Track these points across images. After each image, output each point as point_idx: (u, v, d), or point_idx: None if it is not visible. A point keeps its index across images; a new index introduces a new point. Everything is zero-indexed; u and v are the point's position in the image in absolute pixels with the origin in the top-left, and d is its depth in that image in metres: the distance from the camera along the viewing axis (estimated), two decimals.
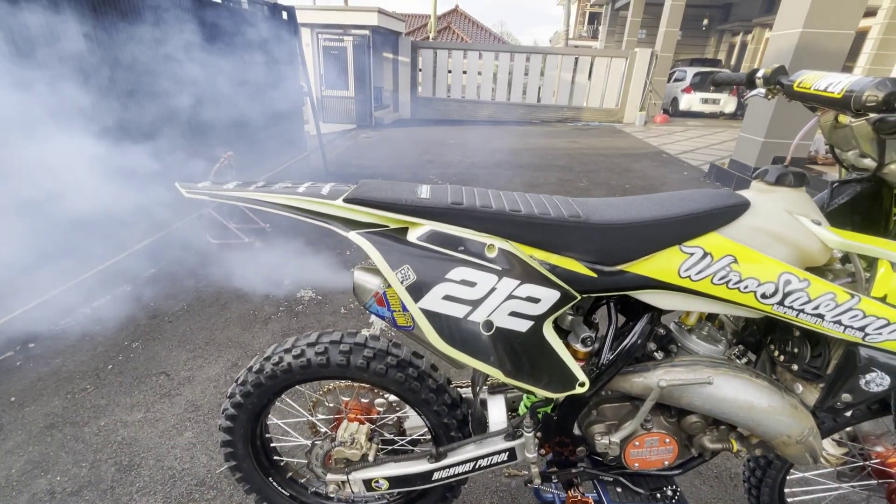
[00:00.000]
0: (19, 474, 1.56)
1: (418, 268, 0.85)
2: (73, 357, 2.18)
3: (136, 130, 3.22)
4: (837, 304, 0.82)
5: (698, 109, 13.28)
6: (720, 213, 0.87)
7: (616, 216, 0.89)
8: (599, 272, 0.88)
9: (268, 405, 1.16)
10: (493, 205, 0.89)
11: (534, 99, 12.55)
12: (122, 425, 1.78)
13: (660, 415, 1.04)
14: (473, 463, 1.09)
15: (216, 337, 2.37)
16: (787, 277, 0.83)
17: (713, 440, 1.02)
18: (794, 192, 0.89)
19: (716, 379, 0.92)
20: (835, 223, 0.96)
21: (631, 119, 12.13)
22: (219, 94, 4.07)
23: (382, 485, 1.13)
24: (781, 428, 0.91)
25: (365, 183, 0.95)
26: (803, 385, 0.95)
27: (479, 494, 1.54)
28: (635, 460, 1.03)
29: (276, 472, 1.30)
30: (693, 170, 6.81)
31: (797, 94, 0.96)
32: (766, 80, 1.09)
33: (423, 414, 1.10)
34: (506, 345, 0.90)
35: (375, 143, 8.13)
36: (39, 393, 1.94)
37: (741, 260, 0.85)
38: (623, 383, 0.99)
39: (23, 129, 2.34)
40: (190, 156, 3.75)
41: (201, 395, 1.96)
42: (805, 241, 0.84)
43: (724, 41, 19.72)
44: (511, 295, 0.87)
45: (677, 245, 0.87)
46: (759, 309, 0.86)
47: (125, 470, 1.59)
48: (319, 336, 1.06)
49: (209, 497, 1.50)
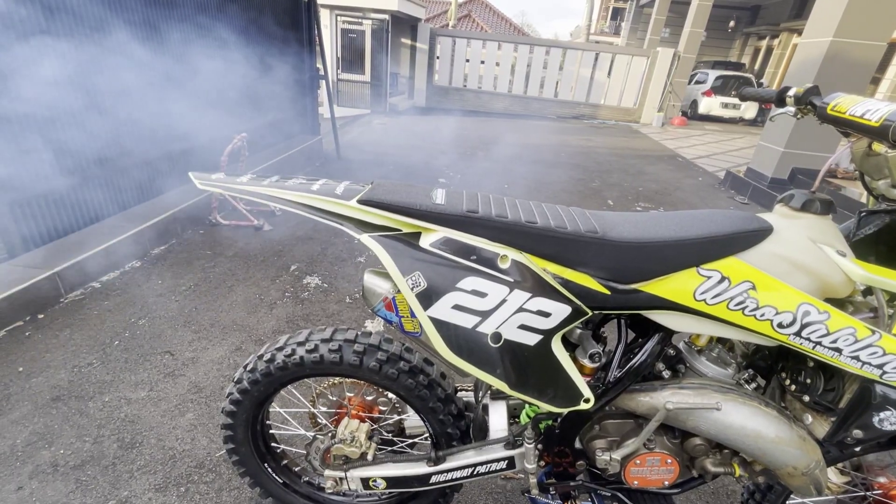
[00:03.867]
0: (24, 444, 1.59)
1: (429, 275, 0.84)
2: (81, 331, 2.20)
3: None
4: (857, 340, 0.79)
5: (717, 114, 13.05)
6: (741, 237, 0.84)
7: (634, 234, 0.87)
8: (613, 290, 0.87)
9: (273, 394, 1.17)
10: (509, 214, 0.87)
11: (551, 94, 12.38)
12: (126, 402, 1.81)
13: (663, 435, 1.03)
14: (472, 469, 1.09)
15: (221, 319, 2.38)
16: (806, 308, 0.81)
17: (715, 463, 1.01)
18: (820, 219, 0.87)
19: (724, 405, 0.90)
20: (860, 252, 0.94)
21: (648, 120, 11.95)
22: (232, 72, 4.05)
23: (380, 484, 1.13)
24: (788, 459, 0.90)
25: (379, 184, 0.93)
26: (813, 416, 0.93)
27: (475, 495, 1.55)
28: (635, 478, 1.02)
29: (272, 459, 1.31)
30: (708, 176, 6.71)
31: (830, 118, 0.92)
32: (797, 99, 1.05)
33: (427, 420, 1.09)
34: (513, 358, 0.89)
35: (389, 130, 8.08)
36: (47, 365, 1.97)
37: (760, 287, 0.83)
38: (628, 401, 0.98)
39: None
40: (194, 138, 3.75)
41: (204, 376, 1.97)
42: (828, 272, 0.82)
43: (750, 44, 19.26)
44: (521, 308, 0.86)
45: (695, 267, 0.85)
46: (774, 338, 0.84)
47: (127, 447, 1.61)
48: (334, 333, 1.05)
49: (208, 480, 1.52)
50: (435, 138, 7.67)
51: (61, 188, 2.66)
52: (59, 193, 2.67)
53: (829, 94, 0.97)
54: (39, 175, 2.52)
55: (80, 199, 2.81)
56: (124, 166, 3.12)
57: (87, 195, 2.87)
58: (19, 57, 2.34)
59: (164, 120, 3.35)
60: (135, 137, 3.16)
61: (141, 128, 3.18)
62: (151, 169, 3.39)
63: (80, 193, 2.81)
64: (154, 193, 3.44)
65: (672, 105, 12.07)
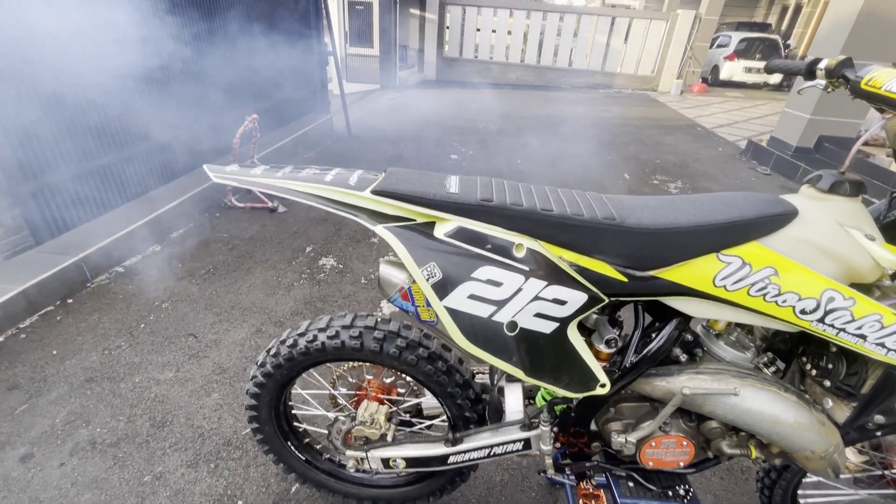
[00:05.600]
0: (63, 423, 1.68)
1: (444, 265, 0.84)
2: (109, 314, 2.28)
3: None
4: (883, 326, 0.78)
5: (740, 79, 12.51)
6: (764, 222, 0.82)
7: (652, 220, 0.85)
8: (630, 276, 0.86)
9: (295, 377, 1.20)
10: (524, 202, 0.86)
11: (565, 63, 11.98)
12: (155, 383, 1.88)
13: (679, 418, 1.04)
14: (488, 450, 1.12)
15: (241, 301, 2.44)
16: (831, 294, 0.79)
17: (731, 445, 1.02)
18: (849, 201, 0.83)
19: (742, 390, 0.90)
20: (890, 233, 0.90)
21: (667, 87, 11.52)
22: (239, 53, 4.00)
23: (400, 464, 1.17)
24: (806, 443, 0.90)
25: (393, 173, 0.92)
26: (833, 401, 0.92)
27: (491, 471, 1.59)
28: (650, 459, 1.04)
29: (295, 438, 1.36)
30: (728, 146, 6.49)
31: (864, 93, 0.88)
32: (828, 72, 1.00)
33: (446, 404, 1.12)
34: (529, 345, 0.90)
35: (399, 106, 7.96)
36: (79, 347, 2.06)
37: (782, 272, 0.81)
38: (645, 385, 0.98)
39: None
40: (207, 121, 3.75)
41: (227, 358, 2.04)
42: (855, 257, 0.79)
43: (777, 3, 18.22)
44: (537, 296, 0.86)
45: (715, 253, 0.83)
46: (796, 324, 0.83)
47: (159, 426, 1.69)
48: (354, 319, 1.07)
49: (235, 457, 1.59)
50: (446, 113, 7.54)
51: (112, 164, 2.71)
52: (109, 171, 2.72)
53: (864, 67, 0.92)
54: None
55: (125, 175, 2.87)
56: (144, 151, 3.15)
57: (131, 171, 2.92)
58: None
59: (166, 105, 3.35)
60: (145, 122, 3.18)
61: (145, 113, 3.19)
62: (167, 152, 3.41)
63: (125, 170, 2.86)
64: (170, 178, 3.48)
65: (692, 71, 11.59)
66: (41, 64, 2.41)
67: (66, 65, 2.52)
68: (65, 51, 2.49)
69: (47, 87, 2.45)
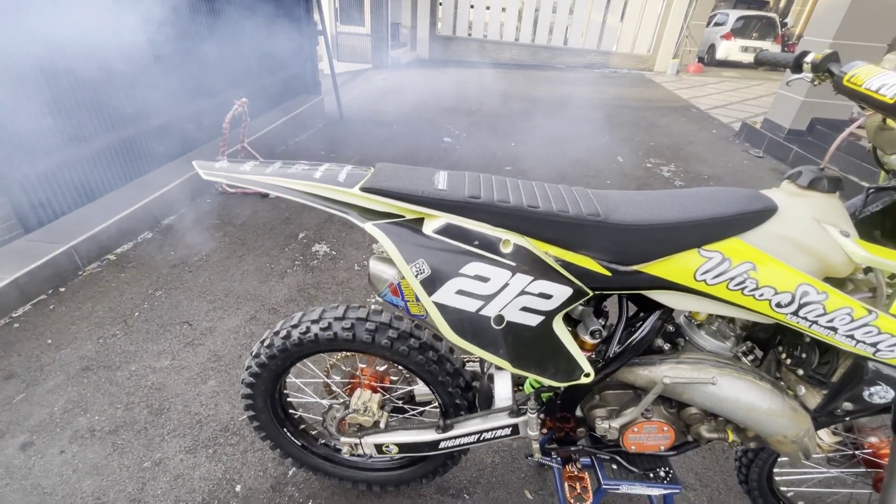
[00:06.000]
0: (61, 412, 1.71)
1: (433, 262, 0.86)
2: (102, 303, 2.29)
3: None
4: (853, 319, 0.81)
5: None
6: (745, 218, 0.84)
7: (636, 216, 0.87)
8: (614, 271, 0.88)
9: (290, 367, 1.23)
10: (511, 198, 0.87)
11: (560, 41, 11.79)
12: (151, 371, 1.91)
13: (660, 405, 1.08)
14: (478, 436, 1.16)
15: (234, 289, 2.45)
16: (805, 289, 0.82)
17: (710, 430, 1.06)
18: (826, 198, 0.86)
19: (719, 379, 0.94)
20: (866, 229, 0.93)
21: (663, 67, 11.40)
22: (227, 35, 3.91)
23: (392, 449, 1.21)
24: (778, 429, 0.94)
25: (381, 169, 0.93)
26: (806, 388, 0.96)
27: (482, 454, 1.65)
28: (633, 444, 1.08)
29: (290, 424, 1.40)
30: (723, 128, 6.48)
31: (845, 89, 0.89)
32: (814, 66, 1.01)
33: (437, 392, 1.15)
34: (515, 338, 0.92)
35: (392, 86, 7.83)
36: (73, 336, 2.07)
37: (760, 267, 0.83)
38: (628, 374, 1.02)
39: None
40: (194, 106, 3.69)
41: (222, 345, 2.06)
42: (829, 252, 0.82)
43: None
44: (524, 291, 0.88)
45: (696, 248, 0.86)
46: (772, 317, 0.86)
47: (156, 413, 1.73)
48: (346, 311, 1.09)
49: (233, 442, 1.63)
50: (439, 93, 7.44)
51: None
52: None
53: (849, 63, 0.93)
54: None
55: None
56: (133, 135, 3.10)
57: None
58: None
59: (151, 88, 3.29)
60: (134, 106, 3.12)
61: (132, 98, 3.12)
62: (151, 139, 3.36)
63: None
64: (156, 164, 3.43)
65: (688, 51, 11.46)
66: (18, 43, 2.34)
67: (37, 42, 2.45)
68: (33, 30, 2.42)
69: (24, 69, 2.39)
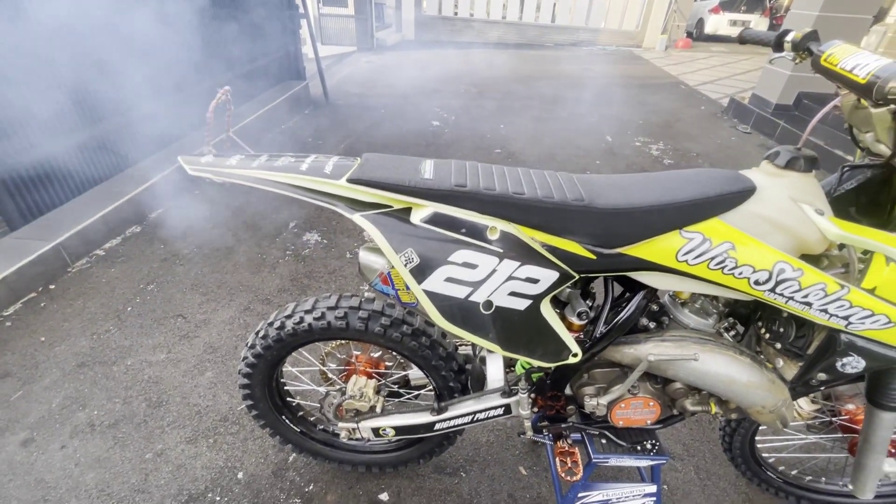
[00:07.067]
0: (59, 408, 1.72)
1: (421, 251, 0.88)
2: (94, 299, 2.28)
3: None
4: (826, 294, 0.84)
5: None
6: (725, 199, 0.87)
7: (619, 200, 0.89)
8: (599, 254, 0.90)
9: (285, 356, 1.25)
10: (497, 186, 0.89)
11: (548, 18, 11.62)
12: (148, 365, 1.92)
13: (646, 381, 1.12)
14: (471, 416, 1.19)
15: (227, 280, 2.45)
16: (781, 266, 0.85)
17: (694, 403, 1.11)
18: (803, 177, 0.88)
19: (701, 355, 0.97)
20: (841, 207, 0.96)
21: (651, 43, 11.30)
22: (205, 21, 3.81)
23: (389, 432, 1.25)
24: (757, 400, 0.99)
25: (368, 159, 0.94)
26: (784, 361, 1.00)
27: (478, 433, 1.70)
28: (620, 419, 1.13)
29: (289, 412, 1.43)
30: (711, 104, 6.49)
31: (822, 69, 0.91)
32: (794, 44, 1.03)
33: (431, 376, 1.18)
34: (504, 322, 0.95)
35: (378, 69, 7.70)
36: (67, 333, 2.07)
37: (739, 247, 0.86)
38: (614, 353, 1.05)
39: None
40: (176, 95, 3.61)
41: (218, 337, 2.08)
42: (805, 230, 0.85)
43: None
44: (511, 276, 0.90)
45: (678, 230, 0.88)
46: (750, 294, 0.89)
47: (155, 406, 1.75)
48: (339, 300, 1.11)
49: (233, 431, 1.66)
50: (426, 76, 7.33)
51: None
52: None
53: (827, 42, 0.94)
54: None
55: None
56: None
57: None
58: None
59: (131, 77, 3.21)
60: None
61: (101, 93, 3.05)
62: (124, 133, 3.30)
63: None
64: (140, 157, 3.38)
65: (677, 26, 11.36)
66: None
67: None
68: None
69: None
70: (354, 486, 1.51)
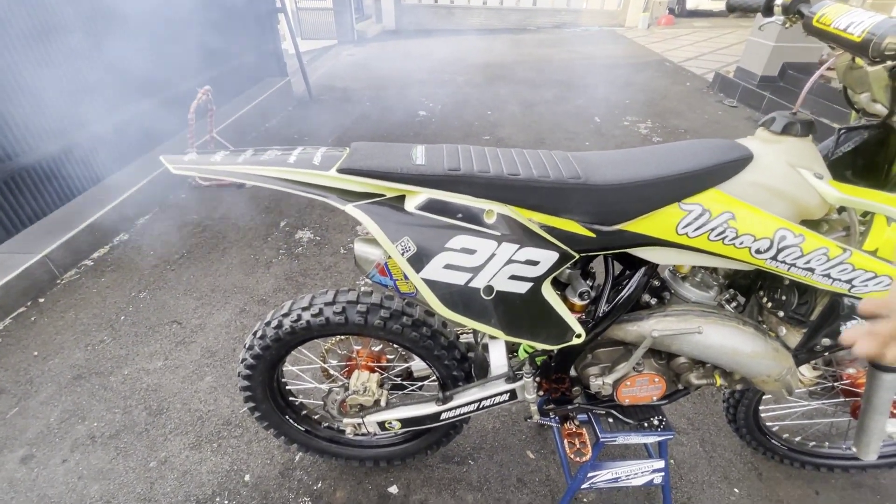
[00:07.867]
0: (58, 422, 1.69)
1: (418, 239, 0.86)
2: (85, 310, 2.24)
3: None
4: (829, 259, 0.84)
5: (707, 7, 12.26)
6: (722, 168, 0.85)
7: (615, 175, 0.87)
8: (598, 232, 0.89)
9: (285, 355, 1.23)
10: (491, 168, 0.87)
11: (529, 2, 11.49)
12: (145, 373, 1.89)
13: (650, 357, 1.11)
14: (477, 404, 1.19)
15: (220, 283, 2.42)
16: (782, 233, 0.84)
17: (699, 377, 1.11)
18: (800, 142, 0.87)
19: (705, 328, 0.97)
20: (839, 170, 0.95)
21: (634, 22, 11.24)
22: (181, 19, 3.71)
23: (395, 425, 1.24)
24: (762, 369, 0.98)
25: (357, 148, 0.91)
26: (787, 329, 1.00)
27: (484, 420, 1.69)
28: (626, 397, 1.12)
29: (292, 411, 1.41)
30: (697, 79, 6.47)
31: (815, 30, 0.89)
32: (784, 8, 1.01)
33: (433, 366, 1.17)
34: (506, 306, 0.93)
35: (360, 62, 7.58)
36: (60, 346, 2.03)
37: (739, 216, 0.85)
38: (617, 331, 1.04)
39: None
40: (158, 96, 3.53)
41: (215, 341, 2.05)
42: (804, 196, 0.84)
43: None
44: (511, 259, 0.88)
45: (677, 203, 0.87)
46: (752, 263, 0.88)
47: (155, 414, 1.72)
48: (336, 295, 1.09)
49: (237, 434, 1.64)
50: (409, 65, 7.24)
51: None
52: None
53: (818, 2, 0.93)
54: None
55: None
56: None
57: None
58: None
59: (108, 75, 3.13)
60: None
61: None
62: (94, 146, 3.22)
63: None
64: (121, 164, 3.30)
65: (658, 3, 11.29)
66: None
67: None
68: None
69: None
70: (363, 481, 1.50)
